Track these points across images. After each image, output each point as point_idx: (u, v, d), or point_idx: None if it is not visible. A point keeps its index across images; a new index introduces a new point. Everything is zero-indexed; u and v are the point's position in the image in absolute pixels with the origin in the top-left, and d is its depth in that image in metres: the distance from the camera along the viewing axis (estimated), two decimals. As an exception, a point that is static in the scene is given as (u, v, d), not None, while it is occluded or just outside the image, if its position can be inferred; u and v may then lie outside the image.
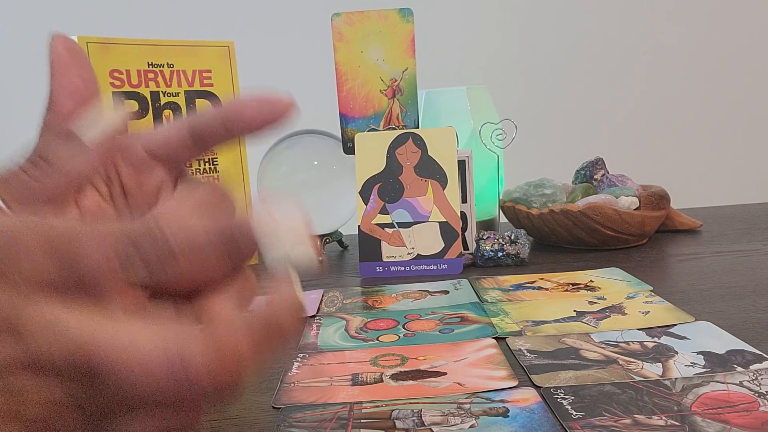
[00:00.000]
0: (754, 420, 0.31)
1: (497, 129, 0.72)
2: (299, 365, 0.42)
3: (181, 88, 0.70)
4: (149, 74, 0.68)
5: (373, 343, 0.46)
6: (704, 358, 0.39)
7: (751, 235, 0.72)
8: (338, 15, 0.69)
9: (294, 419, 0.34)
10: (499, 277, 0.61)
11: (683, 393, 0.34)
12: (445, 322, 0.49)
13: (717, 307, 0.49)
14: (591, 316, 0.48)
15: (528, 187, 0.72)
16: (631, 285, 0.55)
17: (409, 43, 0.69)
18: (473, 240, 0.67)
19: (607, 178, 0.75)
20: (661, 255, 0.66)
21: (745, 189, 1.52)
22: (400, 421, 0.33)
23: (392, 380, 0.39)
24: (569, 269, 0.62)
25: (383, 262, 0.65)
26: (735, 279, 0.56)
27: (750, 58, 1.62)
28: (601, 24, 1.60)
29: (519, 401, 0.35)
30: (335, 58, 0.70)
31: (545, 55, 1.60)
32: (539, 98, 1.60)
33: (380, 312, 0.53)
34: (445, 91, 0.77)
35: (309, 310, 0.54)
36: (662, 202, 0.70)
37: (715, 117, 1.63)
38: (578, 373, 0.38)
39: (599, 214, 0.66)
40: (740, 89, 1.63)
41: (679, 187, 0.91)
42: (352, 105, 0.70)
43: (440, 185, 0.65)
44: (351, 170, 0.71)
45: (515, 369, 0.39)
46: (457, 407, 0.35)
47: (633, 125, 1.63)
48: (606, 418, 0.32)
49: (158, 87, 0.68)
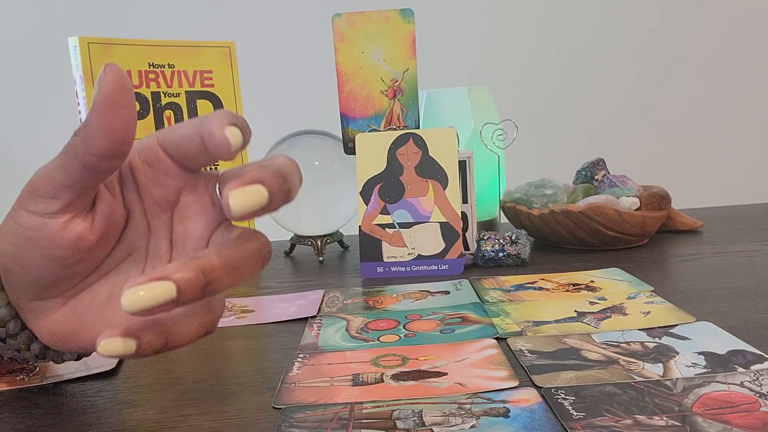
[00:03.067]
0: (755, 420, 0.31)
1: (498, 129, 0.72)
2: (300, 365, 0.42)
3: (182, 89, 0.70)
4: (150, 75, 0.68)
5: (373, 343, 0.46)
6: (705, 358, 0.39)
7: (752, 236, 0.72)
8: (339, 15, 0.69)
9: (295, 419, 0.34)
10: (500, 277, 0.61)
11: (684, 393, 0.34)
12: (446, 323, 0.49)
13: (718, 307, 0.49)
14: (592, 316, 0.48)
15: (529, 188, 0.72)
16: (632, 285, 0.55)
17: (410, 44, 0.69)
18: (474, 240, 0.67)
19: (607, 178, 0.75)
20: (662, 255, 0.66)
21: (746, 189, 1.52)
22: (401, 422, 0.33)
23: (393, 380, 0.39)
24: (570, 269, 0.62)
25: (384, 262, 0.65)
26: (736, 279, 0.56)
27: (751, 59, 1.62)
28: (602, 24, 1.60)
29: (520, 401, 0.35)
30: (336, 59, 0.70)
31: (546, 56, 1.60)
32: (540, 99, 1.60)
33: (381, 312, 0.53)
34: (446, 92, 0.77)
35: (310, 311, 0.54)
36: (663, 202, 0.70)
37: (716, 117, 1.63)
38: (579, 373, 0.38)
39: (600, 215, 0.66)
40: (741, 89, 1.63)
41: (680, 187, 0.91)
42: (352, 105, 0.71)
43: (441, 185, 0.65)
44: (352, 171, 0.71)
45: (516, 369, 0.39)
46: (457, 407, 0.35)
47: (634, 126, 1.63)
48: (607, 418, 0.32)
49: (159, 87, 0.68)
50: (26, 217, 0.31)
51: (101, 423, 0.36)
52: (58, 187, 0.30)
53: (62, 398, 0.39)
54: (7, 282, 0.34)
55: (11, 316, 0.35)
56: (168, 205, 0.34)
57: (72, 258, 0.32)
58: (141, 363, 0.45)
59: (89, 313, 0.33)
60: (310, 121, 0.87)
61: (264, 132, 0.68)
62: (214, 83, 0.71)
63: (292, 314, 0.54)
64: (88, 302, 0.34)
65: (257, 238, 0.31)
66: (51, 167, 0.30)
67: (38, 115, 1.54)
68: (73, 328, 0.34)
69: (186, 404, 0.38)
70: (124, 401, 0.39)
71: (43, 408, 0.38)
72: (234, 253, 0.29)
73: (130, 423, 0.36)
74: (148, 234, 0.34)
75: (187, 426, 0.35)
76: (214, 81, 0.71)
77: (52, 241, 0.31)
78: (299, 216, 0.74)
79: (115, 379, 0.42)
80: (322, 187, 0.73)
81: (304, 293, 0.60)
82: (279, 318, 0.53)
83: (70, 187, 0.30)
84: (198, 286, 0.27)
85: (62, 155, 0.29)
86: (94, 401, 0.39)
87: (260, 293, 0.62)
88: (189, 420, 0.36)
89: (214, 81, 0.71)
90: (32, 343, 0.36)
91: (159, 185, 0.33)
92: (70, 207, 0.31)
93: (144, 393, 0.40)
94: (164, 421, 0.36)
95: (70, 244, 0.31)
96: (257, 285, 0.65)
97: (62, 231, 0.31)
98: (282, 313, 0.54)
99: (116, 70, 0.28)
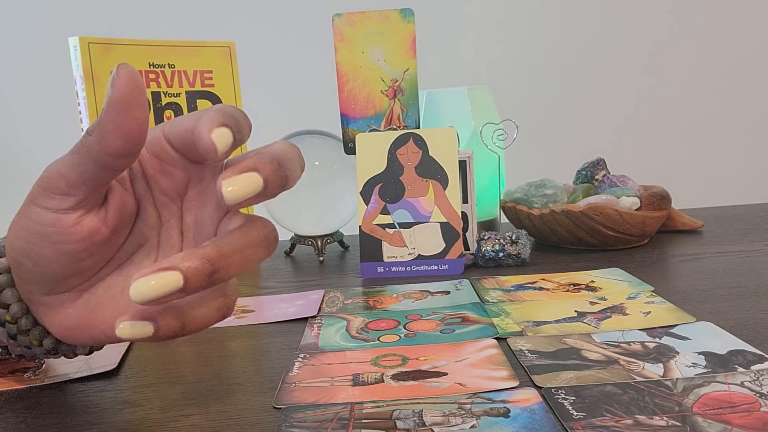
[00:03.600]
0: (756, 420, 0.31)
1: (498, 129, 0.72)
2: (300, 365, 0.42)
3: (182, 89, 0.70)
4: (150, 75, 0.68)
5: (374, 343, 0.46)
6: (705, 358, 0.39)
7: (753, 236, 0.72)
8: (339, 15, 0.69)
9: (295, 419, 0.34)
10: (500, 277, 0.61)
11: (684, 393, 0.34)
12: (446, 323, 0.49)
13: (718, 307, 0.49)
14: (592, 316, 0.48)
15: (529, 188, 0.72)
16: (632, 285, 0.55)
17: (410, 44, 0.69)
18: (474, 240, 0.67)
19: (608, 178, 0.75)
20: (662, 255, 0.66)
21: (747, 189, 1.52)
22: (401, 422, 0.33)
23: (393, 380, 0.39)
24: (570, 269, 0.62)
25: (384, 262, 0.65)
26: (736, 279, 0.56)
27: (751, 59, 1.62)
28: (603, 24, 1.60)
29: (520, 401, 0.35)
30: (336, 59, 0.70)
31: (546, 56, 1.60)
32: (540, 99, 1.60)
33: (381, 312, 0.53)
34: (446, 92, 0.77)
35: (310, 311, 0.54)
36: (663, 202, 0.70)
37: (716, 117, 1.63)
38: (579, 373, 0.38)
39: (600, 215, 0.66)
40: (741, 89, 1.63)
41: (681, 187, 0.91)
42: (353, 105, 0.71)
43: (441, 185, 0.65)
44: (352, 171, 0.71)
45: (516, 369, 0.39)
46: (458, 407, 0.35)
47: (634, 125, 1.63)
48: (607, 418, 0.32)
49: (159, 87, 0.68)
50: (39, 213, 0.31)
51: (102, 422, 0.36)
52: (72, 184, 0.30)
53: (63, 397, 0.39)
54: (20, 277, 0.34)
55: (23, 312, 0.35)
56: (177, 195, 0.34)
57: (85, 252, 0.32)
58: (142, 363, 0.45)
59: (103, 306, 0.34)
60: (310, 121, 0.87)
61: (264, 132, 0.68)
62: (215, 83, 0.72)
63: (292, 314, 0.54)
64: (101, 295, 0.34)
65: (263, 225, 0.31)
66: (63, 165, 0.30)
67: (38, 115, 1.54)
68: (87, 321, 0.34)
69: (187, 404, 0.38)
70: (125, 401, 0.39)
71: (44, 407, 0.38)
72: (240, 240, 0.30)
73: (131, 422, 0.36)
74: (159, 225, 0.34)
75: (188, 426, 0.35)
76: (215, 81, 0.72)
77: (65, 236, 0.31)
78: (299, 216, 0.74)
79: (116, 378, 0.42)
80: (323, 187, 0.73)
81: (304, 293, 0.60)
82: (279, 318, 0.53)
83: (83, 184, 0.30)
84: (204, 274, 0.28)
85: (75, 154, 0.30)
86: (96, 401, 0.39)
87: (260, 293, 0.62)
88: (190, 419, 0.36)
89: (214, 81, 0.71)
90: (45, 339, 0.36)
91: (167, 176, 0.33)
92: (84, 203, 0.31)
93: (145, 393, 0.40)
94: (165, 420, 0.36)
95: (84, 238, 0.31)
96: (257, 285, 0.65)
97: (76, 226, 0.31)
98: (282, 313, 0.54)
99: (130, 71, 0.28)
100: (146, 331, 0.29)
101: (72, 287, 0.34)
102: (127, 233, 0.34)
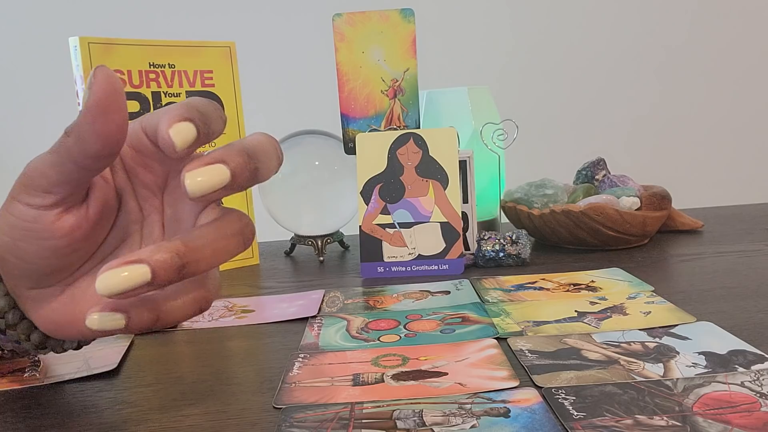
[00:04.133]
0: (756, 420, 0.31)
1: (498, 129, 0.72)
2: (300, 365, 0.42)
3: (182, 89, 0.70)
4: (150, 75, 0.68)
5: (374, 343, 0.46)
6: (705, 358, 0.39)
7: (753, 236, 0.72)
8: (339, 15, 0.69)
9: (295, 419, 0.34)
10: (500, 277, 0.61)
11: (684, 393, 0.34)
12: (447, 323, 0.49)
13: (718, 307, 0.49)
14: (592, 316, 0.48)
15: (529, 188, 0.72)
16: (633, 285, 0.55)
17: (410, 44, 0.69)
18: (474, 240, 0.67)
19: (608, 178, 0.75)
20: (662, 255, 0.66)
21: (747, 189, 1.52)
22: (401, 422, 0.33)
23: (393, 380, 0.39)
24: (570, 269, 0.62)
25: (384, 262, 0.65)
26: (736, 279, 0.56)
27: (751, 58, 1.62)
28: (603, 24, 1.60)
29: (520, 401, 0.35)
30: (336, 59, 0.70)
31: (547, 56, 1.60)
32: (541, 99, 1.60)
33: (381, 312, 0.53)
34: (447, 92, 0.77)
35: (310, 311, 0.54)
36: (663, 202, 0.70)
37: (717, 117, 1.63)
38: (579, 373, 0.38)
39: (600, 215, 0.66)
40: (742, 89, 1.63)
41: (681, 187, 0.91)
42: (353, 105, 0.71)
43: (441, 185, 0.65)
44: (352, 171, 0.71)
45: (516, 369, 0.39)
46: (458, 407, 0.35)
47: (634, 125, 1.63)
48: (607, 418, 0.32)
49: (159, 87, 0.68)
50: (22, 209, 0.31)
51: (102, 422, 0.36)
52: (53, 183, 0.30)
53: (63, 398, 0.39)
54: (5, 272, 0.34)
55: (10, 306, 0.35)
56: (158, 189, 0.34)
57: (68, 247, 0.32)
58: (142, 363, 0.45)
59: (87, 300, 0.34)
60: (310, 121, 0.87)
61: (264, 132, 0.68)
62: (215, 83, 0.71)
63: (292, 314, 0.54)
64: (85, 289, 0.34)
65: (238, 218, 0.31)
66: (44, 164, 0.30)
67: (38, 115, 1.54)
68: (72, 315, 0.34)
69: (186, 404, 0.38)
70: (124, 401, 0.39)
71: (43, 408, 0.38)
72: (212, 234, 0.30)
73: (131, 423, 0.36)
74: (141, 219, 0.34)
75: (188, 426, 0.35)
76: (215, 81, 0.71)
77: (48, 232, 0.31)
78: (299, 216, 0.74)
79: (115, 378, 0.42)
80: (323, 187, 0.73)
81: (304, 293, 0.60)
82: (279, 318, 0.53)
83: (64, 183, 0.30)
84: (173, 268, 0.28)
85: (54, 153, 0.30)
86: (95, 401, 0.39)
87: (261, 293, 0.62)
88: (189, 420, 0.36)
89: (214, 81, 0.71)
90: (32, 333, 0.36)
91: (147, 170, 0.33)
92: (65, 200, 0.31)
93: (144, 393, 0.40)
94: (165, 420, 0.36)
95: (66, 233, 0.31)
96: (257, 285, 0.65)
97: (58, 221, 0.31)
98: (282, 313, 0.54)
99: (107, 74, 0.28)
100: (117, 323, 0.29)
101: (56, 282, 0.34)
102: (110, 228, 0.34)
